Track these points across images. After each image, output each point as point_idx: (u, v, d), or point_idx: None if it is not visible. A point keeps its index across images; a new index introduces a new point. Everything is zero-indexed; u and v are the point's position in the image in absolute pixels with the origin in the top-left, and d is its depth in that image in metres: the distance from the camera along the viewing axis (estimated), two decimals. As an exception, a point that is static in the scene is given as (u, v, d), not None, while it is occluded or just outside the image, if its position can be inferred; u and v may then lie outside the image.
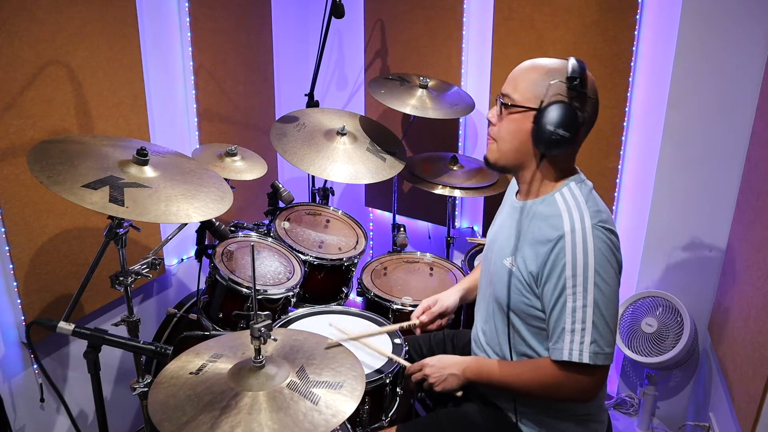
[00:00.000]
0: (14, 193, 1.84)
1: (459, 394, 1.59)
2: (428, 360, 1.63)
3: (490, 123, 1.50)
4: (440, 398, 1.79)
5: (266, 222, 2.43)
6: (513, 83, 1.44)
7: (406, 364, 1.68)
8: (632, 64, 2.37)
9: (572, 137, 1.36)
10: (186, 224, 1.95)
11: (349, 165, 2.32)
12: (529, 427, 1.54)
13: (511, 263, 1.46)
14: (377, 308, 2.18)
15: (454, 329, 1.97)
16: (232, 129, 2.75)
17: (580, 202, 1.40)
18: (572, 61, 1.39)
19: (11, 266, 1.87)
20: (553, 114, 1.35)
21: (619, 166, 2.51)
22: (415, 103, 2.43)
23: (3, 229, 1.84)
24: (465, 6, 2.66)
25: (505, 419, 1.57)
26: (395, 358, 1.71)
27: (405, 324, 1.81)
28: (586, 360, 1.34)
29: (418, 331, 1.82)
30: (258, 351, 1.24)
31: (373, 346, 1.74)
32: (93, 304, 2.16)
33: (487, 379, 1.54)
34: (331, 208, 2.61)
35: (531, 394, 1.49)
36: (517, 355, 1.52)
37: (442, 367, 1.59)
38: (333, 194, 2.74)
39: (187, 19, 2.41)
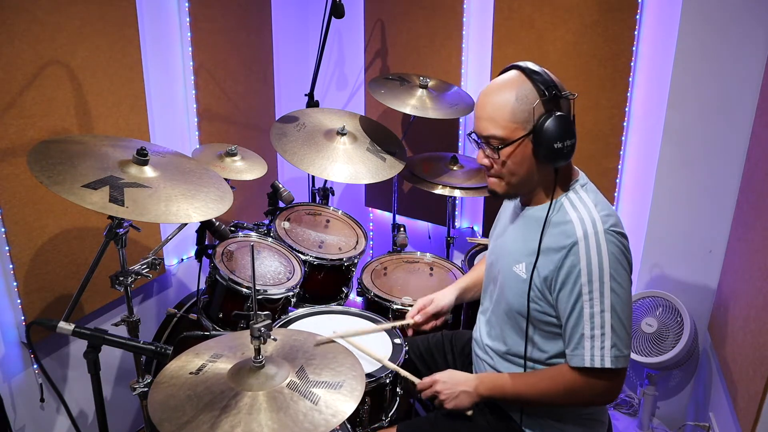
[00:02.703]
0: (14, 193, 1.84)
1: (470, 413, 1.55)
2: (439, 376, 1.59)
3: (484, 167, 1.48)
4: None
5: (266, 222, 2.43)
6: (491, 122, 1.40)
7: (416, 379, 1.63)
8: (632, 64, 2.37)
9: (575, 140, 1.37)
10: (186, 224, 1.95)
11: (349, 165, 2.32)
12: (530, 427, 1.54)
13: (522, 270, 1.46)
14: (377, 308, 2.17)
15: (453, 329, 1.97)
16: (232, 129, 2.75)
17: (590, 208, 1.40)
18: (532, 69, 1.37)
19: (11, 266, 1.87)
20: (551, 131, 1.34)
21: (619, 166, 2.51)
22: (415, 103, 2.43)
23: (3, 229, 1.84)
24: (465, 6, 2.66)
25: (508, 420, 1.57)
26: (403, 372, 1.65)
27: (398, 323, 1.80)
28: (608, 365, 1.34)
29: (410, 332, 1.81)
30: (258, 351, 1.24)
31: (378, 357, 1.68)
32: (93, 304, 2.16)
33: (501, 393, 1.51)
34: (331, 208, 2.61)
35: (548, 404, 1.47)
36: (529, 358, 1.51)
37: (455, 384, 1.55)
38: (333, 194, 2.74)
39: (187, 19, 2.41)
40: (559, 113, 1.36)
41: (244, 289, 1.99)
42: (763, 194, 1.96)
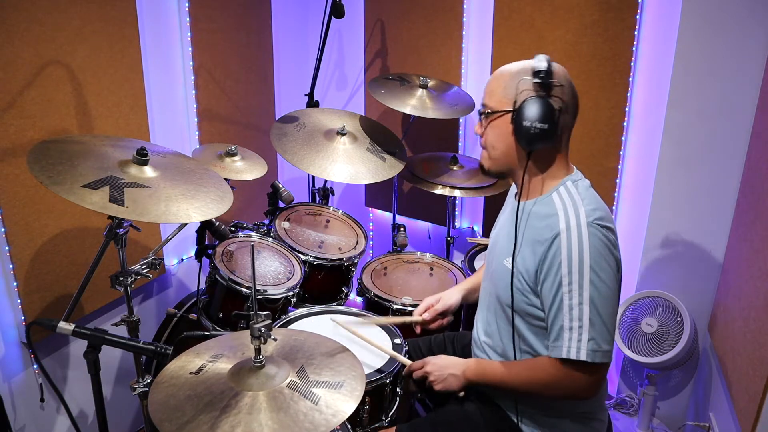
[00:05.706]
0: (14, 193, 1.84)
1: (461, 394, 1.60)
2: (430, 358, 1.64)
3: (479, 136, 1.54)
4: (440, 398, 1.79)
5: (266, 222, 2.43)
6: (488, 93, 1.49)
7: (408, 361, 1.70)
8: (632, 63, 2.37)
9: (552, 128, 1.38)
10: (186, 224, 1.95)
11: (349, 165, 2.32)
12: (529, 426, 1.54)
13: (511, 264, 1.47)
14: (377, 308, 2.18)
15: (454, 331, 1.97)
16: (232, 129, 2.75)
17: (576, 200, 1.41)
18: (538, 57, 1.41)
19: (11, 266, 1.87)
20: (527, 110, 1.37)
21: (619, 166, 2.51)
22: (415, 103, 2.43)
23: (3, 229, 1.84)
24: (465, 6, 2.66)
25: (506, 419, 1.57)
26: (396, 356, 1.71)
27: (407, 319, 1.82)
28: (583, 357, 1.35)
29: (418, 329, 1.83)
30: (258, 351, 1.24)
31: (376, 344, 1.74)
32: (93, 304, 2.16)
33: (487, 379, 1.54)
34: (331, 208, 2.61)
35: (530, 393, 1.49)
36: (520, 353, 1.53)
37: (443, 366, 1.60)
38: (333, 194, 2.74)
39: (187, 19, 2.41)
40: (542, 96, 1.38)
41: (244, 289, 1.99)
42: (763, 194, 1.96)
